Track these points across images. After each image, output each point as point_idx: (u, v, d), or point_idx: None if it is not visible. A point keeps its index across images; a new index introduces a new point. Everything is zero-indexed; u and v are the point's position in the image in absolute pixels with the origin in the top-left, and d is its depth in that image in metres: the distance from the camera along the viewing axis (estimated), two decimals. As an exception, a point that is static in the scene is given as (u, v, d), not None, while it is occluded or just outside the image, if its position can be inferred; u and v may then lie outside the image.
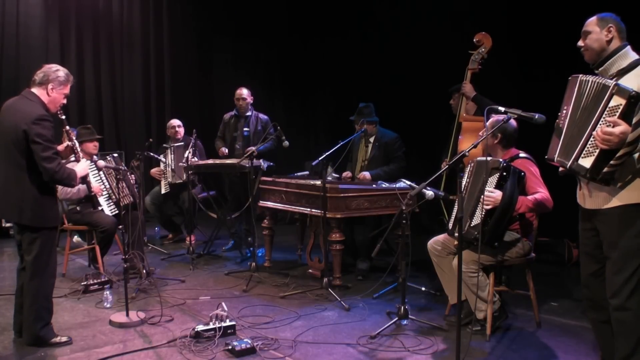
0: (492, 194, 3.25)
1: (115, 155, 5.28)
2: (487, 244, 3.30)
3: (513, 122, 3.33)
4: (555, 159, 2.62)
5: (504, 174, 3.26)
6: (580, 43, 2.66)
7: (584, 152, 2.46)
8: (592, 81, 2.52)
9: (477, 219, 3.31)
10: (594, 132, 2.41)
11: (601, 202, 2.55)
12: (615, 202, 2.50)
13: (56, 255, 3.46)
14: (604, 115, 2.40)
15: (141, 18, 8.29)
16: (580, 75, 2.59)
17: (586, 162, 2.45)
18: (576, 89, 2.58)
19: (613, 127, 2.34)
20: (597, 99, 2.45)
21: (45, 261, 3.29)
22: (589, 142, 2.44)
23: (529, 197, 3.34)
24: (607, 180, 2.45)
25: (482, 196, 3.30)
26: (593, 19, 2.65)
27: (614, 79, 2.49)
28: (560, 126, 2.63)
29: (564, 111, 2.63)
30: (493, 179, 3.30)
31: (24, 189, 3.20)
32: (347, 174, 5.25)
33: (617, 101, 2.36)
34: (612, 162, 2.39)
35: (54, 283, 3.46)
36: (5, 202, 3.28)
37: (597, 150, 2.40)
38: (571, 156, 2.51)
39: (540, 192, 3.37)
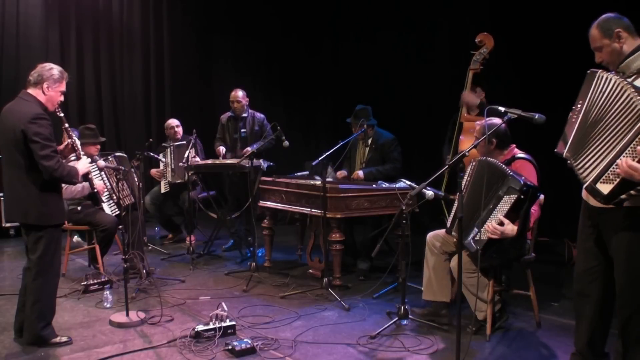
0: (505, 228, 3.11)
1: (117, 154, 5.24)
2: (489, 257, 3.27)
3: (499, 122, 3.22)
4: (564, 154, 2.59)
5: (522, 197, 3.08)
6: (598, 60, 2.59)
7: (604, 177, 2.36)
8: (614, 81, 2.39)
9: (483, 234, 3.19)
10: (619, 161, 2.29)
11: None
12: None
13: (60, 254, 3.47)
14: (632, 144, 2.27)
15: (141, 18, 8.28)
16: (599, 71, 2.50)
17: (604, 188, 2.36)
18: (593, 85, 2.49)
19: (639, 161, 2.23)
20: (629, 122, 2.30)
21: (50, 260, 3.30)
22: (611, 168, 2.33)
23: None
24: (619, 204, 2.39)
25: (493, 212, 3.18)
26: (594, 32, 2.56)
27: (633, 77, 2.43)
28: (573, 121, 2.57)
29: (579, 106, 2.56)
30: (509, 199, 3.13)
31: (27, 189, 3.21)
32: (341, 173, 5.24)
33: None
34: (632, 192, 2.33)
35: (58, 282, 3.48)
36: (12, 203, 3.32)
37: (618, 179, 2.30)
38: (589, 172, 2.43)
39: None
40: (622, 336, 2.62)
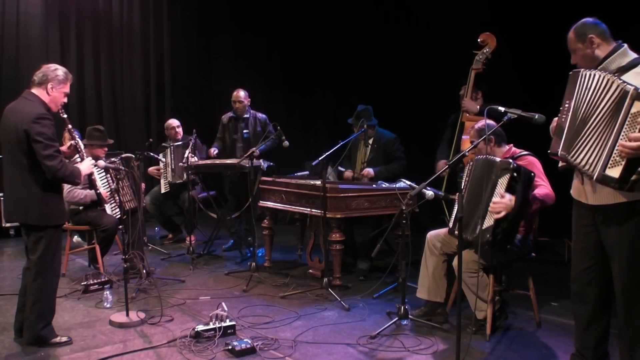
0: (503, 199, 3.15)
1: (124, 156, 5.21)
2: (500, 246, 3.27)
3: (490, 122, 3.24)
4: (559, 152, 2.60)
5: (515, 174, 3.17)
6: (573, 61, 2.68)
7: (610, 161, 2.40)
8: (599, 75, 2.47)
9: (488, 222, 3.22)
10: (619, 142, 2.35)
11: (605, 198, 2.53)
12: (621, 197, 2.47)
13: (61, 255, 3.46)
14: (626, 122, 2.34)
15: (141, 18, 8.29)
16: (582, 70, 2.57)
17: (614, 172, 2.38)
18: (578, 83, 2.55)
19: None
20: (616, 104, 2.38)
21: (50, 261, 3.30)
22: (614, 152, 2.38)
23: (534, 194, 3.31)
24: (633, 188, 2.40)
25: (491, 199, 3.21)
26: (571, 35, 2.65)
27: (616, 75, 2.46)
28: (563, 120, 2.61)
29: (566, 105, 2.60)
30: (503, 180, 3.21)
31: (28, 189, 3.21)
32: (349, 172, 5.23)
33: (639, 107, 2.31)
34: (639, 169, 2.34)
35: (58, 283, 3.47)
36: (12, 203, 3.32)
37: (624, 160, 2.35)
38: (595, 164, 2.45)
39: (541, 186, 3.35)
40: (627, 333, 2.60)
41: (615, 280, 2.59)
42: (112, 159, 4.91)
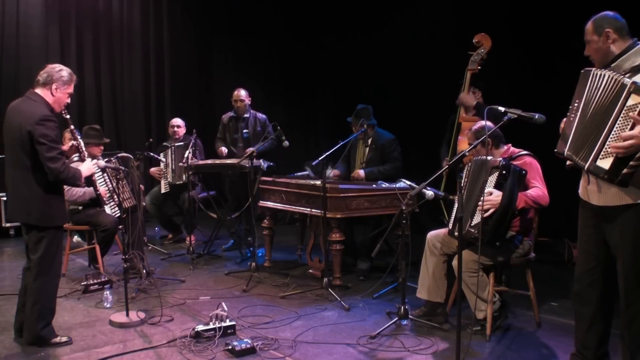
0: (491, 195, 3.23)
1: (120, 155, 5.22)
2: (489, 243, 3.30)
3: (488, 123, 3.24)
4: (565, 153, 2.59)
5: (504, 172, 3.24)
6: (586, 53, 2.65)
7: (602, 153, 2.40)
8: (608, 76, 2.46)
9: (477, 219, 3.30)
10: (609, 140, 2.35)
11: (610, 199, 2.52)
12: (627, 199, 2.47)
13: (61, 255, 3.46)
14: (621, 115, 2.35)
15: (141, 18, 8.29)
16: (593, 69, 2.56)
17: (604, 164, 2.39)
18: (588, 83, 2.54)
19: (632, 127, 2.28)
20: (614, 97, 2.39)
21: (50, 261, 3.30)
22: (607, 143, 2.38)
23: (525, 193, 3.33)
24: (625, 182, 2.39)
25: (482, 197, 3.27)
26: (589, 25, 2.62)
27: (628, 75, 2.45)
28: (571, 120, 2.59)
29: (575, 105, 2.59)
30: (493, 178, 3.29)
31: (31, 190, 3.21)
32: (335, 172, 5.21)
33: (636, 100, 2.31)
34: (631, 163, 2.33)
35: (58, 283, 3.47)
36: (14, 203, 3.32)
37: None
38: (587, 156, 2.46)
39: (535, 188, 3.36)
40: (629, 334, 2.58)
41: (619, 280, 2.58)
42: (109, 158, 4.91)
